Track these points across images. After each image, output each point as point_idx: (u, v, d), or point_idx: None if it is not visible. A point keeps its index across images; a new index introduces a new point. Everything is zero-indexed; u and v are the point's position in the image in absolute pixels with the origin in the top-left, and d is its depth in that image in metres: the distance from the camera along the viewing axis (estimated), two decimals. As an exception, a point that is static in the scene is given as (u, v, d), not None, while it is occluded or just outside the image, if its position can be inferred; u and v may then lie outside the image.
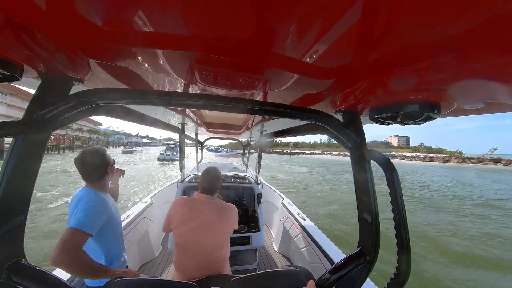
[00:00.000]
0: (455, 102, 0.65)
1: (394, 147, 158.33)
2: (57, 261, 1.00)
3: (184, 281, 0.99)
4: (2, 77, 0.58)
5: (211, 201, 1.54)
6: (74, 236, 1.06)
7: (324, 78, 0.71)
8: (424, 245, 6.65)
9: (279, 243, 3.22)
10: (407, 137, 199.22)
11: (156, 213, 3.05)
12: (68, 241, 1.04)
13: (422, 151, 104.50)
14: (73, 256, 1.03)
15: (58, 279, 0.65)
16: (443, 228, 8.35)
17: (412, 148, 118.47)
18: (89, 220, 1.14)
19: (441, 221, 9.17)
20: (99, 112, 0.83)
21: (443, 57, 0.47)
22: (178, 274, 1.45)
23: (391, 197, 0.74)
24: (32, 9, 0.43)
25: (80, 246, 1.07)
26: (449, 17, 0.36)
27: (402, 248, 0.73)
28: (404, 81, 0.60)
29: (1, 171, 0.60)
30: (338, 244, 2.15)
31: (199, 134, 4.18)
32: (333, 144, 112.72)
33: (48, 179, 14.61)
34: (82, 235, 1.09)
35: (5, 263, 0.59)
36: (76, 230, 1.08)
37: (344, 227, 7.66)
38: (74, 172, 15.99)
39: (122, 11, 0.44)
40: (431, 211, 11.00)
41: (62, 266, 1.01)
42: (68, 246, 1.03)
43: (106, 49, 0.62)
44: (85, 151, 1.29)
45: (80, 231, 1.08)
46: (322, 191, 14.66)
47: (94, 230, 1.15)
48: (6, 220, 0.60)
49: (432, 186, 19.54)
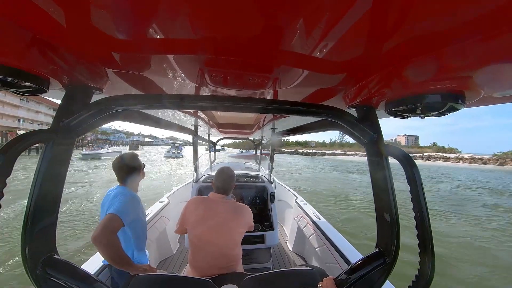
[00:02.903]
0: (482, 90, 0.60)
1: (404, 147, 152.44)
2: (96, 239, 1.17)
3: (200, 278, 1.02)
4: (32, 90, 0.64)
5: (226, 201, 1.56)
6: (112, 220, 1.24)
7: (336, 72, 0.69)
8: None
9: (293, 242, 3.19)
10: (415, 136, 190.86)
11: (173, 212, 3.13)
12: (107, 224, 1.22)
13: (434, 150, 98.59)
14: (108, 238, 1.20)
15: (87, 272, 0.70)
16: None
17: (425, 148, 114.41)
18: (125, 210, 1.32)
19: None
20: (118, 118, 0.88)
21: (467, 41, 0.42)
22: (193, 271, 1.49)
23: (411, 195, 0.71)
24: (54, 27, 0.47)
25: (115, 230, 1.24)
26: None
27: (424, 250, 0.70)
28: (424, 70, 0.55)
29: (35, 175, 0.65)
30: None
31: (212, 135, 4.22)
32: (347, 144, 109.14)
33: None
34: (118, 221, 1.26)
35: (41, 258, 0.65)
36: (114, 215, 1.26)
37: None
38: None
39: (135, 22, 0.47)
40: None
41: (99, 245, 1.17)
42: (106, 228, 1.20)
43: (121, 58, 0.65)
44: (121, 155, 1.54)
45: (117, 217, 1.26)
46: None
47: (127, 220, 1.33)
48: (40, 219, 0.65)
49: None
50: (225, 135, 4.37)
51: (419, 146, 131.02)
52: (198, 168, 3.35)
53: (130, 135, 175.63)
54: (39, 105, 57.44)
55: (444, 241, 6.80)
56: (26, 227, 0.63)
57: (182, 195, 3.72)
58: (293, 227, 3.28)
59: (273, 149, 3.78)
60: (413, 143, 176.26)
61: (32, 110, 54.96)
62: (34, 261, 0.64)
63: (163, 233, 2.81)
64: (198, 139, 3.46)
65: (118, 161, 1.51)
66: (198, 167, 3.39)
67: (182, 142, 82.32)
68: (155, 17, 0.44)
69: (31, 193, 0.64)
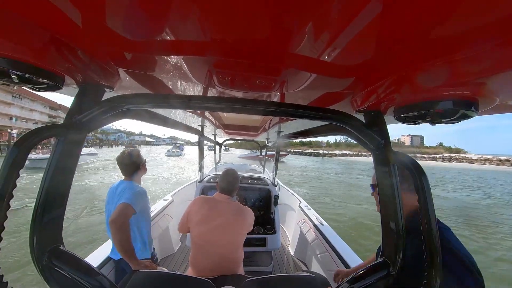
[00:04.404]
0: (497, 97, 0.57)
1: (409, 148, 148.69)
2: (113, 222, 1.39)
3: (200, 278, 1.01)
4: (48, 87, 0.66)
5: (231, 202, 1.57)
6: (125, 208, 1.46)
7: (344, 76, 0.68)
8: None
9: (295, 247, 3.15)
10: (420, 137, 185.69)
11: (176, 211, 3.19)
12: (122, 211, 1.44)
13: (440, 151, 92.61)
14: (122, 221, 1.41)
15: (90, 265, 0.71)
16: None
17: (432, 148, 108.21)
18: (135, 200, 1.53)
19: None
20: (127, 116, 0.89)
21: (483, 45, 0.40)
22: (193, 271, 1.48)
23: (419, 204, 0.68)
24: (71, 27, 0.49)
25: (128, 217, 1.46)
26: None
27: (432, 262, 0.67)
28: (436, 75, 0.53)
29: (46, 168, 0.67)
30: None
31: (217, 136, 4.17)
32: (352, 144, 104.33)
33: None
34: (130, 209, 1.48)
35: (47, 248, 0.66)
36: (127, 204, 1.47)
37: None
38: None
39: (147, 24, 0.48)
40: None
41: (114, 227, 1.38)
42: (121, 213, 1.43)
43: (133, 58, 0.67)
44: (124, 152, 1.72)
45: (129, 205, 1.48)
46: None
47: (137, 208, 1.54)
48: (49, 210, 0.67)
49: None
50: (231, 136, 4.32)
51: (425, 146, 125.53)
52: (202, 168, 3.32)
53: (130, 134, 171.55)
54: (34, 102, 54.86)
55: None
56: (35, 217, 0.64)
57: (186, 194, 3.78)
58: (296, 231, 3.24)
59: (278, 152, 3.63)
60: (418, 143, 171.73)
61: (26, 108, 52.23)
62: (41, 251, 0.65)
63: (166, 230, 2.85)
64: (204, 140, 3.45)
65: (125, 157, 1.67)
66: (203, 167, 3.36)
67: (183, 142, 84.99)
68: (167, 19, 0.45)
69: (41, 185, 0.66)
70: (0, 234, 0.58)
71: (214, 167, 4.27)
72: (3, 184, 0.56)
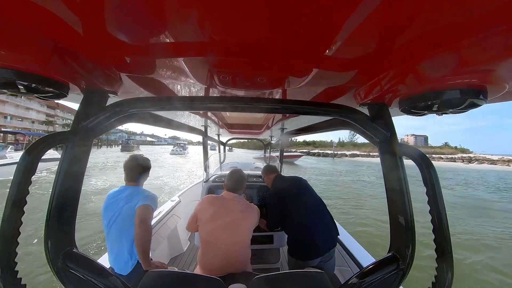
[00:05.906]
0: (506, 84, 0.55)
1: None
2: (142, 224, 1.44)
3: (209, 276, 1.01)
4: (54, 95, 0.67)
5: (239, 200, 1.60)
6: (149, 209, 1.51)
7: (346, 70, 0.67)
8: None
9: None
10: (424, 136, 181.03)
11: (184, 211, 3.21)
12: (148, 212, 1.49)
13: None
14: (149, 223, 1.48)
15: (102, 266, 0.72)
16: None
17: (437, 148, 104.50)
18: (151, 202, 1.55)
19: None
20: (132, 120, 0.91)
21: (490, 31, 0.38)
22: (202, 270, 1.49)
23: (428, 197, 0.68)
24: (72, 35, 0.50)
25: (150, 217, 1.51)
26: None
27: (442, 255, 0.66)
28: (441, 64, 0.52)
29: (56, 174, 0.69)
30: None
31: (221, 135, 4.22)
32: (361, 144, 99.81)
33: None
34: (152, 209, 1.52)
35: (61, 251, 0.68)
36: (148, 205, 1.51)
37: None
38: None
39: (147, 28, 0.48)
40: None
41: (144, 229, 1.43)
42: (148, 216, 1.48)
43: (135, 62, 0.68)
44: (131, 157, 1.70)
45: (150, 206, 1.52)
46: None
47: (155, 207, 1.59)
48: (61, 214, 0.68)
49: None
50: (235, 135, 4.40)
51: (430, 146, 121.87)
52: (208, 168, 3.34)
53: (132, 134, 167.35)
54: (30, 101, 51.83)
55: None
56: (49, 222, 0.65)
57: (192, 194, 3.82)
58: None
59: (283, 150, 3.70)
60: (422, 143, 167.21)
61: (21, 106, 49.27)
62: (56, 254, 0.66)
63: (174, 230, 2.88)
64: (208, 139, 3.48)
65: (128, 161, 1.67)
66: (208, 167, 3.37)
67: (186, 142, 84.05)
68: (166, 22, 0.45)
69: (53, 190, 0.67)
70: (17, 239, 0.60)
71: (219, 166, 4.26)
72: (17, 191, 0.58)
